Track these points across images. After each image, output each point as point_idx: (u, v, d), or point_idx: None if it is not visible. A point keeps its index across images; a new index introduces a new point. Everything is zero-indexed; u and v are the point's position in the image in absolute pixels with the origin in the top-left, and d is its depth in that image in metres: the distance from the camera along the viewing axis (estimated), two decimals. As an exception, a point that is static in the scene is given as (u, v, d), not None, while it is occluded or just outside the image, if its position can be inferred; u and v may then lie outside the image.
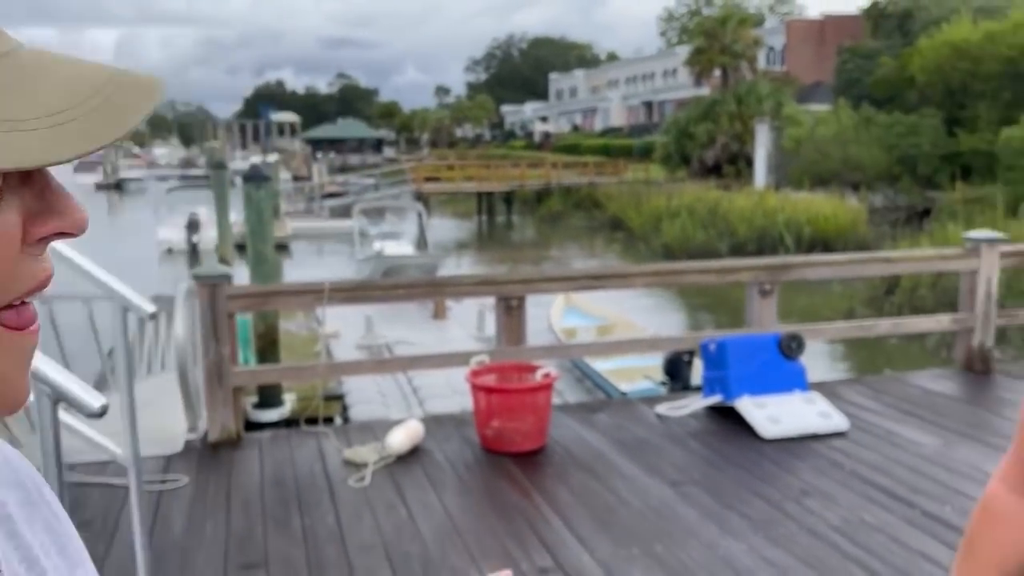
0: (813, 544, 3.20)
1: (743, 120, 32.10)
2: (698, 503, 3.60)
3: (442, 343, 12.37)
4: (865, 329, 5.37)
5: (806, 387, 4.74)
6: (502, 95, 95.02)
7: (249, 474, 4.02)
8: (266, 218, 9.00)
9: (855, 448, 4.21)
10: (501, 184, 37.41)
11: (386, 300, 5.05)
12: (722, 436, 4.43)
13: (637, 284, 5.12)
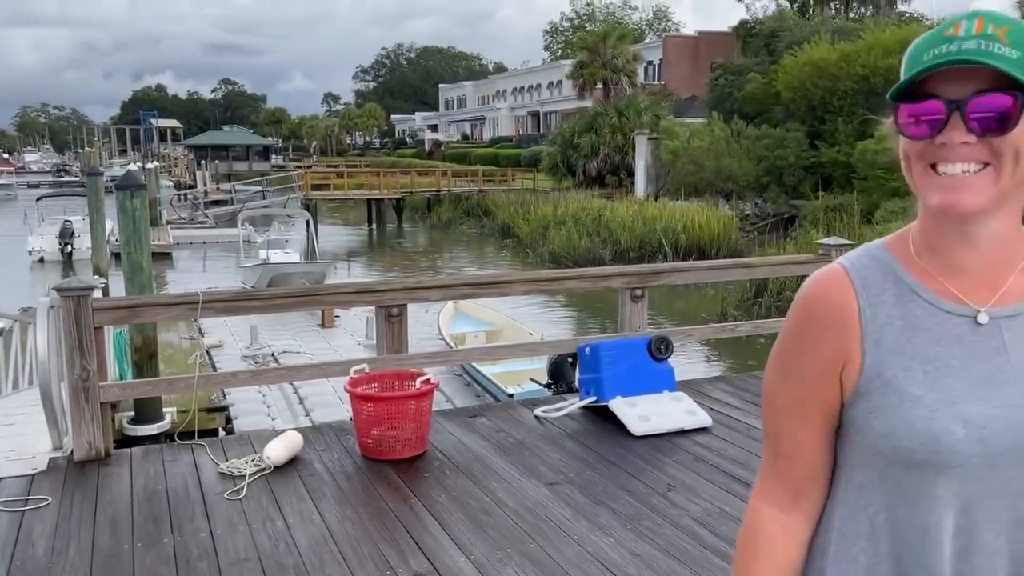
0: (676, 536, 3.39)
1: (624, 132, 33.09)
2: (571, 501, 3.74)
3: (330, 352, 12.25)
4: (729, 330, 5.68)
5: (674, 387, 4.98)
6: (392, 104, 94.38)
7: (118, 492, 3.90)
8: (141, 227, 8.69)
9: (718, 443, 4.46)
10: (391, 192, 37.21)
11: (264, 311, 4.99)
12: (596, 435, 4.60)
13: (515, 291, 5.25)
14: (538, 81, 63.64)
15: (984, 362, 1.03)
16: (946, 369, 1.03)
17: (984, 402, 1.01)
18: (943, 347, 1.04)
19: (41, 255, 24.50)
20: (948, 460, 1.01)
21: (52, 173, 72.83)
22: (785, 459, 1.16)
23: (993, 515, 1.02)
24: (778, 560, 1.14)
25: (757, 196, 28.14)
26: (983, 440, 1.01)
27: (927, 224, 1.08)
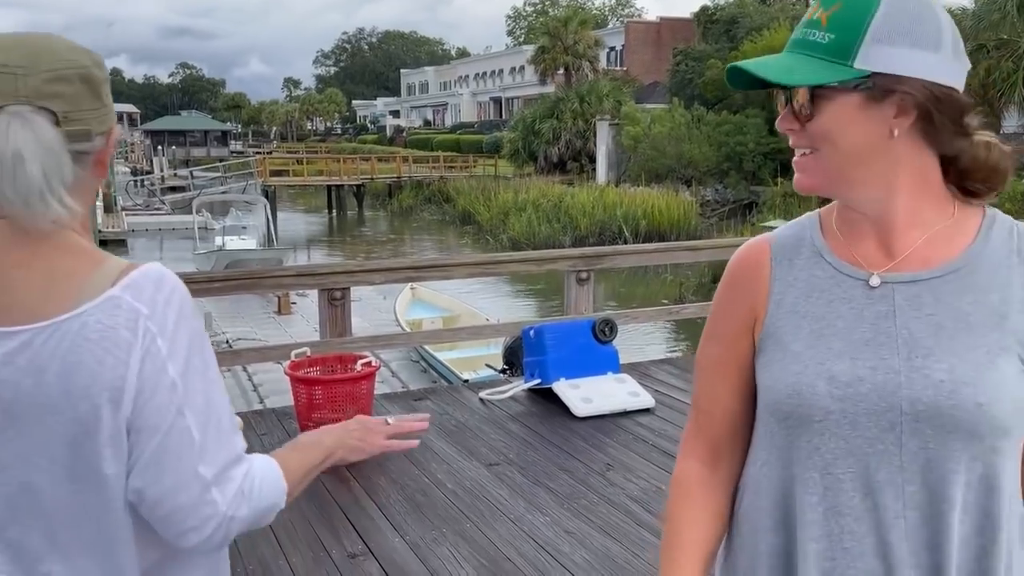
0: (611, 513, 3.42)
1: (585, 118, 33.18)
2: (510, 481, 3.76)
3: (285, 338, 12.14)
4: (674, 313, 5.74)
5: (618, 369, 5.02)
6: (352, 89, 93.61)
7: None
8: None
9: (659, 423, 4.50)
10: (352, 178, 36.97)
11: (201, 294, 4.91)
12: (539, 417, 4.63)
13: (459, 275, 5.25)
14: (500, 67, 63.48)
15: (869, 325, 1.05)
16: (830, 329, 1.07)
17: (855, 362, 1.04)
18: (832, 307, 1.07)
19: None
20: (810, 415, 1.05)
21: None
22: (705, 416, 1.22)
23: (855, 476, 1.04)
24: (696, 511, 1.19)
25: (717, 182, 28.41)
26: (844, 399, 1.03)
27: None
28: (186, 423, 1.01)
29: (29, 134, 0.96)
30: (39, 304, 0.98)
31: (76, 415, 0.97)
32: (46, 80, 0.99)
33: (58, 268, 1.00)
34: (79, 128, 1.01)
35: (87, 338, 0.97)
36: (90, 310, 0.97)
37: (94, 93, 1.03)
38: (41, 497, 0.99)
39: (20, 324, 0.97)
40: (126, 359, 0.97)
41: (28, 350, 0.96)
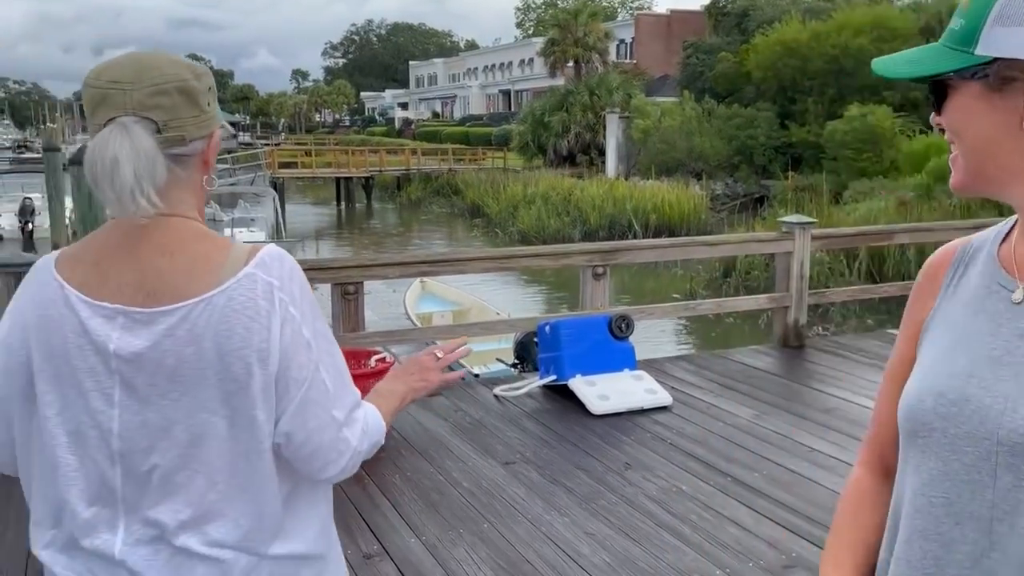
0: (630, 514, 3.36)
1: (595, 111, 33.00)
2: (527, 480, 3.69)
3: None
4: (691, 308, 5.66)
5: (635, 365, 4.94)
6: (361, 81, 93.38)
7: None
8: (97, 204, 8.49)
9: (678, 421, 4.43)
10: (360, 170, 36.87)
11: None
12: (555, 414, 4.56)
13: (473, 269, 5.18)
14: (509, 59, 63.24)
15: (1003, 343, 0.95)
16: (964, 343, 0.98)
17: (970, 380, 0.95)
18: (975, 320, 0.99)
19: (0, 233, 23.97)
20: (915, 430, 0.99)
21: (12, 149, 71.25)
22: (875, 423, 1.19)
23: (946, 503, 0.97)
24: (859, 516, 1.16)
25: (727, 176, 28.23)
26: (947, 417, 0.95)
27: None
28: (321, 376, 1.20)
29: (127, 141, 1.12)
30: (186, 285, 1.15)
31: (231, 374, 1.15)
32: (148, 94, 1.16)
33: (197, 254, 1.18)
34: (176, 134, 1.17)
35: (234, 309, 1.15)
36: (232, 286, 1.15)
37: (192, 102, 1.19)
38: (206, 445, 1.16)
39: (174, 303, 1.15)
40: (268, 324, 1.15)
41: (186, 323, 1.14)
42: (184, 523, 1.17)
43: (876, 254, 14.45)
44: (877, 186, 21.43)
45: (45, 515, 1.21)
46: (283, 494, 1.23)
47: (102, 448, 1.17)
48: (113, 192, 1.12)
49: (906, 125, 24.57)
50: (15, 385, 1.19)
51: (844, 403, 4.71)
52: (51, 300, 1.17)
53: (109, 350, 1.14)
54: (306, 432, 1.20)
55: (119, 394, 1.15)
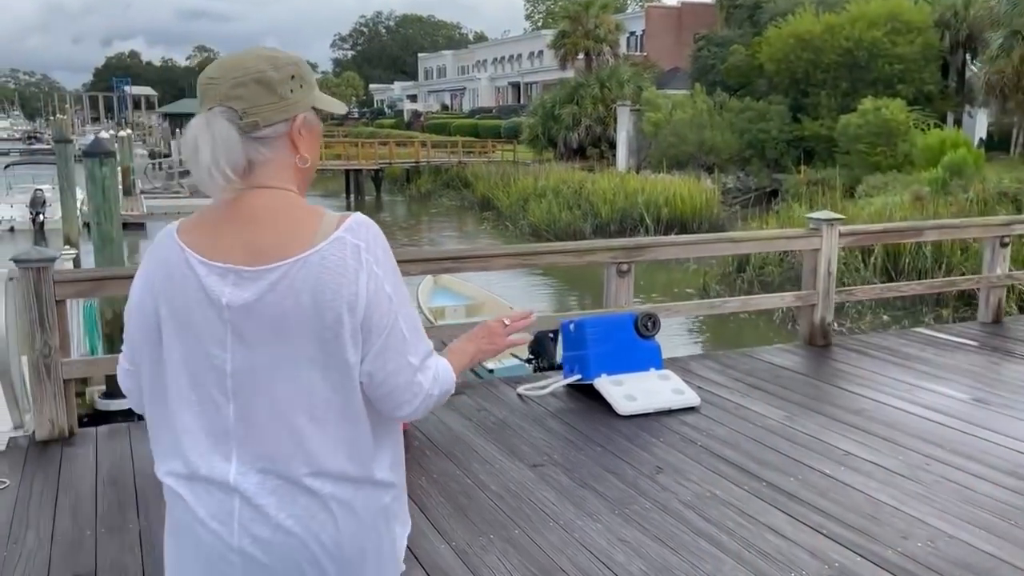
0: (665, 521, 3.27)
1: (606, 103, 32.80)
2: (556, 484, 3.61)
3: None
4: (717, 307, 5.56)
5: (661, 365, 4.85)
6: (370, 73, 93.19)
7: (81, 474, 3.72)
8: (111, 196, 8.44)
9: (706, 423, 4.34)
10: (370, 162, 36.76)
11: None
12: (581, 415, 4.47)
13: (498, 266, 5.08)
14: (519, 51, 62.98)
15: None
16: None
17: None
18: None
19: (11, 224, 23.95)
20: None
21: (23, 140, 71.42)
22: None
23: None
24: None
25: (739, 169, 28.04)
26: None
27: None
28: (400, 326, 1.38)
29: (207, 128, 1.33)
30: (286, 246, 1.34)
31: (325, 322, 1.33)
32: (230, 86, 1.35)
33: (296, 219, 1.37)
34: (251, 120, 1.35)
35: (326, 267, 1.33)
36: (325, 247, 1.33)
37: (269, 91, 1.37)
38: (305, 384, 1.34)
39: (275, 262, 1.33)
40: (355, 279, 1.34)
41: (286, 279, 1.32)
42: (288, 455, 1.36)
43: (892, 250, 14.29)
44: (891, 180, 21.23)
45: (168, 446, 1.41)
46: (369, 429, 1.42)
47: (218, 387, 1.36)
48: (196, 170, 1.33)
49: (920, 119, 24.36)
50: (146, 333, 1.41)
51: (875, 404, 4.60)
52: (174, 262, 1.37)
53: (222, 303, 1.34)
54: (385, 373, 1.38)
55: (231, 340, 1.35)
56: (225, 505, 1.36)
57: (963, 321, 12.68)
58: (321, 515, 1.37)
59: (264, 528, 1.36)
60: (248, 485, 1.36)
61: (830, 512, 3.32)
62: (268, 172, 1.39)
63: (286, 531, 1.36)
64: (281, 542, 1.36)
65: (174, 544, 1.45)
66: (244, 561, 1.36)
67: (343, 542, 1.39)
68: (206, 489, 1.37)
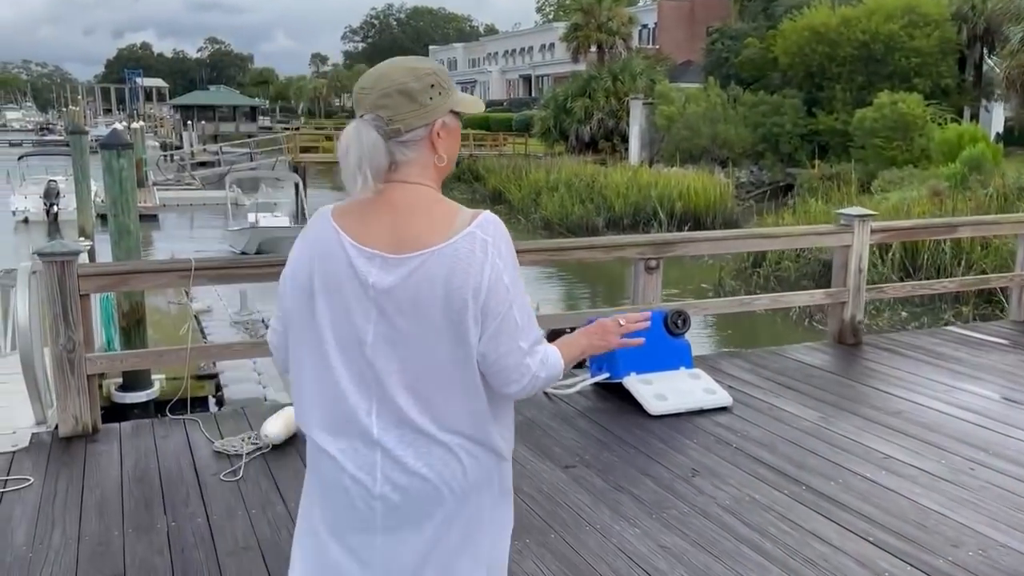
0: (705, 526, 3.18)
1: (618, 97, 32.59)
2: (590, 486, 3.52)
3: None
4: (747, 304, 5.45)
5: (691, 364, 4.75)
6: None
7: (107, 471, 3.66)
8: (128, 187, 8.36)
9: (740, 423, 4.24)
10: (380, 156, 36.60)
11: (258, 279, 4.71)
12: (610, 414, 4.38)
13: (524, 261, 4.95)
14: (530, 44, 62.73)
15: None
16: None
17: None
18: None
19: (25, 215, 23.97)
20: None
21: (35, 132, 71.61)
22: None
23: None
24: None
25: (752, 164, 27.83)
26: None
27: None
28: (513, 313, 1.54)
29: (355, 135, 1.53)
30: (425, 238, 1.51)
31: (453, 306, 1.50)
32: (377, 97, 1.55)
33: (436, 214, 1.55)
34: (395, 127, 1.54)
35: (458, 258, 1.50)
36: (458, 240, 1.51)
37: (411, 100, 1.55)
38: (434, 356, 1.53)
39: (415, 251, 1.51)
40: (480, 270, 1.50)
41: (423, 267, 1.50)
42: (421, 413, 1.53)
43: (911, 246, 14.12)
44: (907, 176, 21.02)
45: (314, 404, 1.58)
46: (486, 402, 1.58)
47: (361, 353, 1.53)
48: (345, 169, 1.53)
49: (937, 113, 24.10)
50: (300, 299, 1.58)
51: (913, 406, 4.50)
52: (330, 240, 1.57)
53: (369, 283, 1.53)
54: (497, 354, 1.54)
55: (374, 314, 1.53)
56: (368, 458, 1.55)
57: (984, 318, 12.57)
58: (453, 464, 1.56)
59: (402, 476, 1.54)
60: (388, 439, 1.54)
61: (875, 519, 3.22)
62: (410, 170, 1.58)
63: (422, 478, 1.55)
64: (417, 488, 1.55)
65: (319, 495, 1.63)
66: (384, 505, 1.56)
67: (468, 489, 1.59)
68: (350, 444, 1.56)
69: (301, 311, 1.58)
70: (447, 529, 1.59)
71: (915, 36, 26.18)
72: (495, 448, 1.62)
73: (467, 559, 1.62)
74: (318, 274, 1.56)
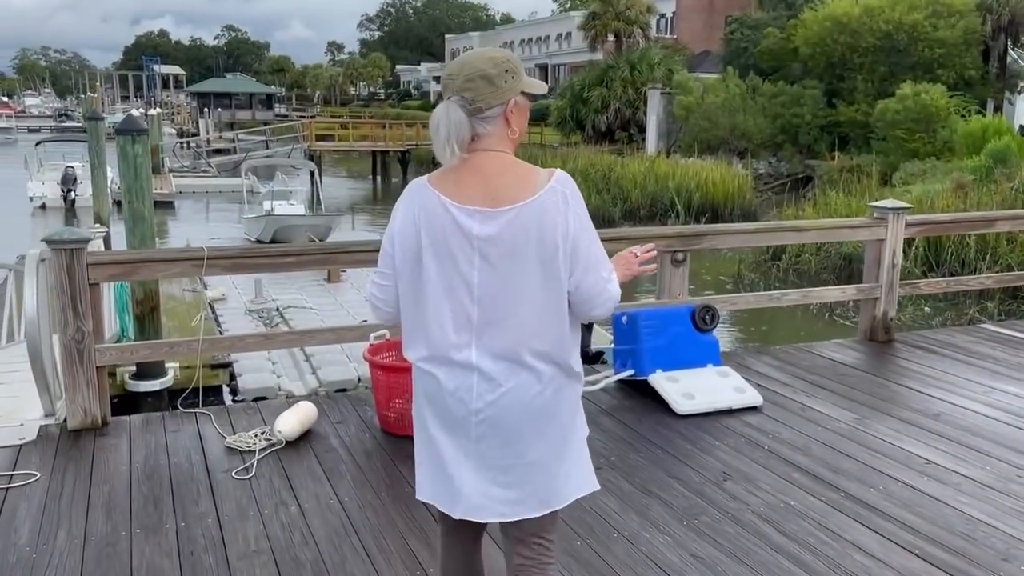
0: (739, 535, 3.02)
1: (636, 86, 32.28)
2: (617, 490, 3.37)
3: (336, 308, 11.85)
4: (775, 299, 5.28)
5: (719, 361, 4.59)
6: (397, 54, 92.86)
7: (115, 467, 3.54)
8: (143, 174, 8.25)
9: (771, 424, 4.07)
10: (397, 144, 36.53)
11: (273, 269, 4.58)
12: (636, 413, 4.22)
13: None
14: (547, 33, 62.30)
15: None
16: None
17: None
18: None
19: (43, 201, 23.99)
20: None
21: (54, 118, 71.91)
22: None
23: None
24: None
25: (771, 155, 27.50)
26: None
27: None
28: (594, 251, 1.88)
29: (445, 113, 1.85)
30: (515, 193, 1.83)
31: (545, 249, 1.82)
32: (463, 81, 1.87)
33: (520, 175, 1.87)
34: (477, 106, 1.87)
35: (545, 209, 1.82)
36: (543, 194, 1.83)
37: (489, 84, 1.87)
38: (529, 292, 1.84)
39: (509, 205, 1.82)
40: (565, 218, 1.83)
41: (517, 218, 1.82)
42: (514, 341, 1.84)
43: (933, 240, 13.86)
44: (929, 168, 20.66)
45: (424, 340, 1.90)
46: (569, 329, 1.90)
47: (466, 294, 1.85)
48: (436, 142, 1.84)
49: (961, 104, 23.69)
50: (409, 254, 1.89)
51: (951, 408, 4.31)
52: (432, 203, 1.87)
53: (472, 234, 1.83)
54: (586, 284, 1.87)
55: (477, 260, 1.84)
56: (467, 380, 1.87)
57: (1009, 314, 12.30)
58: (536, 384, 1.87)
59: (495, 394, 1.86)
60: (484, 364, 1.86)
61: (920, 529, 3.05)
62: (490, 141, 1.90)
63: (510, 395, 1.87)
64: (507, 404, 1.87)
65: (427, 411, 1.95)
66: (479, 420, 1.88)
67: (548, 402, 1.90)
68: (451, 369, 1.88)
69: (410, 263, 1.91)
70: (531, 435, 1.90)
71: (939, 27, 25.74)
72: (572, 368, 1.93)
73: (548, 459, 1.93)
74: (425, 231, 1.87)
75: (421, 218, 1.87)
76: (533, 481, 1.92)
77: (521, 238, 1.81)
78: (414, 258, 1.89)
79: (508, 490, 1.92)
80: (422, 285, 1.88)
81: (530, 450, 1.90)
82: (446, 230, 1.85)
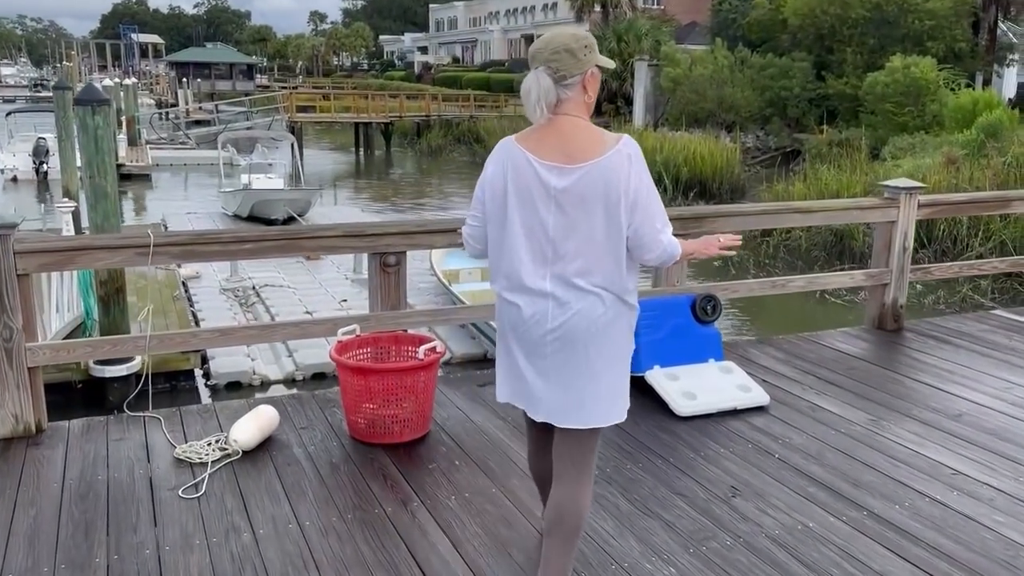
0: (754, 564, 2.65)
1: (623, 58, 31.69)
2: (614, 510, 3.00)
3: (315, 287, 11.41)
4: (779, 286, 4.91)
5: (722, 355, 4.21)
6: (380, 24, 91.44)
7: (46, 485, 3.13)
8: (105, 147, 7.74)
9: (781, 428, 3.71)
10: (379, 116, 35.84)
11: (228, 257, 4.16)
12: (633, 414, 3.75)
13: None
14: (532, 3, 61.31)
15: None
16: None
17: None
18: None
19: (14, 174, 23.27)
20: None
21: (29, 88, 70.35)
22: None
23: None
24: None
25: (759, 128, 27.08)
26: None
27: None
28: (652, 204, 2.22)
29: (534, 80, 2.22)
30: (587, 152, 2.19)
31: (611, 200, 2.18)
32: (549, 53, 2.24)
33: (592, 136, 2.23)
34: (562, 75, 2.23)
35: (612, 168, 2.18)
36: (611, 154, 2.18)
37: (572, 55, 2.23)
38: (595, 235, 2.20)
39: (582, 162, 2.19)
40: (627, 176, 2.18)
41: (589, 174, 2.18)
42: (580, 273, 2.20)
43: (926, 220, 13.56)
44: (918, 142, 20.32)
45: (506, 272, 2.29)
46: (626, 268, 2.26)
47: (543, 236, 2.23)
48: (527, 105, 2.22)
49: (950, 77, 23.31)
50: (497, 200, 2.28)
51: (973, 407, 3.97)
52: (519, 158, 2.25)
53: (551, 185, 2.20)
54: (643, 231, 2.20)
55: (553, 207, 2.20)
56: (542, 305, 2.23)
57: (1003, 291, 12.04)
58: (599, 307, 2.21)
59: (565, 315, 2.21)
60: (557, 291, 2.21)
61: (956, 557, 2.70)
62: (570, 105, 2.25)
63: (579, 315, 2.20)
64: (575, 323, 2.21)
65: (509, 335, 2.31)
66: (553, 338, 2.23)
67: (608, 322, 2.23)
68: (531, 297, 2.23)
69: (498, 208, 2.27)
70: (595, 350, 2.23)
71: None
72: (628, 299, 2.27)
73: (606, 371, 2.27)
74: (511, 181, 2.23)
75: (509, 170, 2.24)
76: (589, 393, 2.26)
77: (590, 191, 2.15)
78: (501, 203, 2.25)
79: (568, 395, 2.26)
80: (507, 226, 2.24)
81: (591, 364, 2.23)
82: (529, 181, 2.21)
